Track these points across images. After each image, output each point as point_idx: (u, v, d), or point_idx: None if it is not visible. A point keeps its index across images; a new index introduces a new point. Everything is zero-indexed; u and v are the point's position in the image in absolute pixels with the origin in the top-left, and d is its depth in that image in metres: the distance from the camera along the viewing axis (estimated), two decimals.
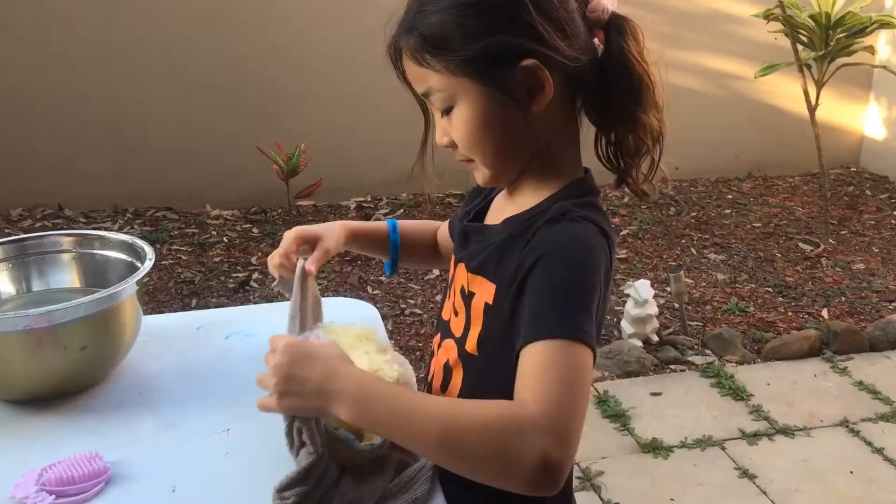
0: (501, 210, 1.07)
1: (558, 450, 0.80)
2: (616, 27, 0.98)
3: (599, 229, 0.94)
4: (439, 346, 1.11)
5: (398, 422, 0.86)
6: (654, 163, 1.02)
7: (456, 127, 0.99)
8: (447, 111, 0.99)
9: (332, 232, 1.22)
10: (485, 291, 1.00)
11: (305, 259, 1.16)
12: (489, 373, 0.99)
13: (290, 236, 1.19)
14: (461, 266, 1.06)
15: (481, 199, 1.15)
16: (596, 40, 0.99)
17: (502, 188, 1.08)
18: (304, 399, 0.90)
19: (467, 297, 1.03)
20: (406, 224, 1.32)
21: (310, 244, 1.19)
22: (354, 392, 0.87)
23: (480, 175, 1.04)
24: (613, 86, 0.98)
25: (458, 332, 1.05)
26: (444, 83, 0.96)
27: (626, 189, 1.05)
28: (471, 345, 1.02)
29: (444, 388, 1.07)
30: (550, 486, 0.81)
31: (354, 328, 1.09)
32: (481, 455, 0.83)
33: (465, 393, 1.03)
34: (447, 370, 1.07)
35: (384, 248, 1.30)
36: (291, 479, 0.93)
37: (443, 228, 1.31)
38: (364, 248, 1.32)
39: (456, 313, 1.07)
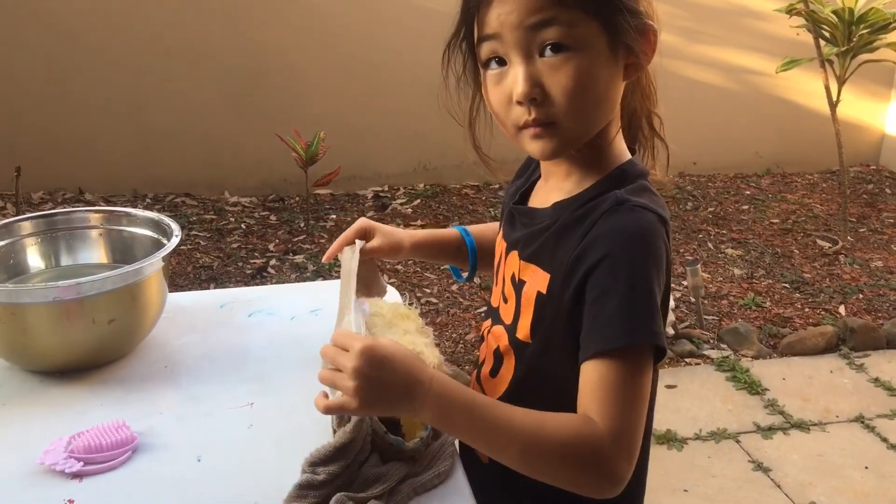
0: (548, 194, 1.02)
1: (626, 466, 0.86)
2: None
3: (658, 217, 0.92)
4: (489, 331, 1.09)
5: (479, 434, 0.89)
6: (653, 152, 1.03)
7: (565, 73, 0.89)
8: (557, 49, 0.89)
9: (393, 234, 1.20)
10: (537, 280, 0.97)
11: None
12: (542, 362, 0.99)
13: (353, 226, 1.19)
14: (513, 254, 1.04)
15: (524, 179, 1.12)
16: None
17: (553, 161, 0.99)
18: (387, 404, 0.88)
19: (518, 284, 1.02)
20: (475, 228, 1.28)
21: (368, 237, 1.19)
22: (437, 399, 0.87)
23: (551, 141, 0.93)
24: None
25: (507, 320, 1.04)
26: (575, 19, 0.88)
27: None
28: (522, 333, 1.00)
29: (493, 373, 1.06)
30: (614, 492, 0.87)
31: (397, 306, 1.09)
32: (558, 471, 0.88)
33: (517, 379, 1.02)
34: (498, 357, 1.05)
35: (456, 255, 1.27)
36: (324, 455, 0.93)
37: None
38: (433, 255, 1.29)
39: (505, 300, 1.05)
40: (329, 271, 3.54)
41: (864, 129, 5.09)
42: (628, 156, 1.00)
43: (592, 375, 0.88)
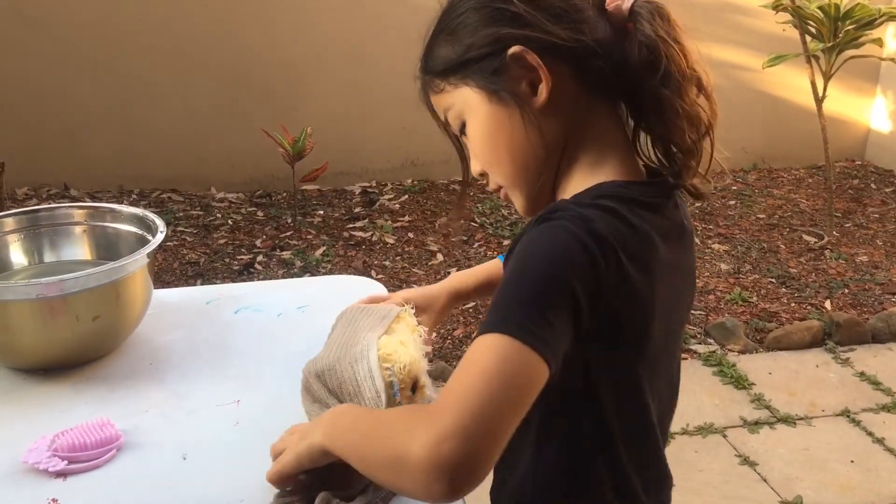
0: None
1: (451, 446, 0.70)
2: (639, 14, 0.90)
3: (590, 230, 0.81)
4: None
5: (344, 433, 0.87)
6: (701, 157, 0.92)
7: (472, 144, 0.96)
8: (462, 129, 0.96)
9: (437, 301, 1.20)
10: None
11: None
12: None
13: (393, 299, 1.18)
14: None
15: None
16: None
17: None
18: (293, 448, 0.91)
19: None
20: None
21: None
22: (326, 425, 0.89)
23: (515, 201, 0.97)
24: (642, 76, 0.88)
25: None
26: (452, 99, 0.94)
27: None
28: None
29: None
30: (442, 487, 0.71)
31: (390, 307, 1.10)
32: (379, 456, 0.79)
33: None
34: None
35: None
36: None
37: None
38: (478, 297, 1.25)
39: None
40: (316, 267, 3.54)
41: (850, 124, 5.11)
42: (624, 177, 0.92)
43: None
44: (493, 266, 1.26)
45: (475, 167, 0.99)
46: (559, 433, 0.93)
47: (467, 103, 0.93)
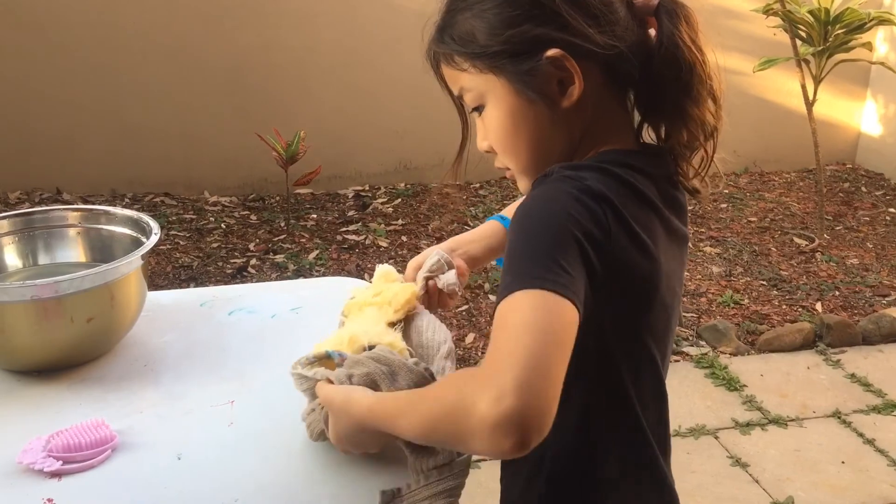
0: None
1: (510, 403, 0.70)
2: (667, 12, 0.92)
3: (584, 187, 0.84)
4: None
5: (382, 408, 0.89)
6: (705, 158, 0.96)
7: (489, 127, 0.96)
8: (478, 110, 0.97)
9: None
10: None
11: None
12: None
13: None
14: None
15: None
16: (652, 30, 0.94)
17: None
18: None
19: None
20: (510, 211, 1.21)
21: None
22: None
23: (519, 183, 0.99)
24: (662, 76, 0.91)
25: None
26: (474, 81, 0.94)
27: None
28: None
29: None
30: (508, 442, 0.71)
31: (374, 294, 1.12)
32: (440, 421, 0.79)
33: None
34: None
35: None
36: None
37: None
38: (486, 258, 1.23)
39: None
40: (310, 271, 3.54)
41: (840, 127, 5.14)
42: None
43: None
44: (492, 228, 1.23)
45: (482, 144, 0.99)
46: (578, 400, 0.91)
47: (493, 91, 0.93)
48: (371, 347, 1.00)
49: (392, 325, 1.08)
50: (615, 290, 0.86)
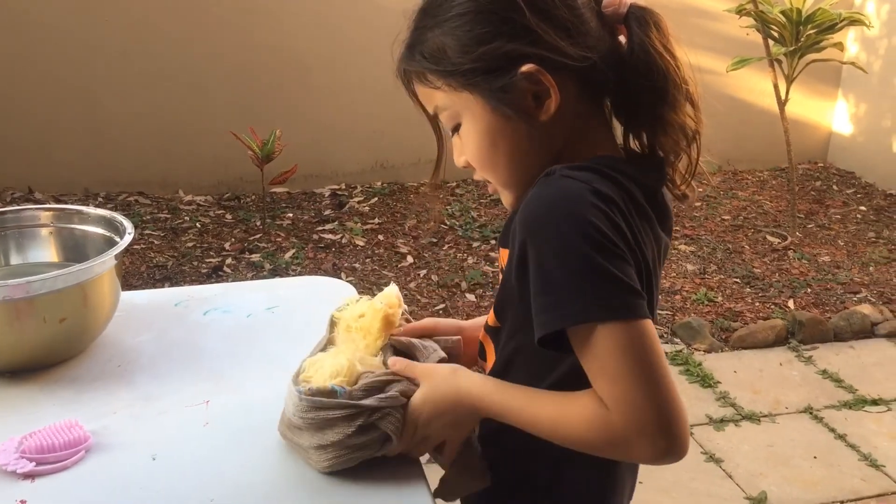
0: None
1: (662, 442, 0.81)
2: (636, 19, 0.91)
3: (593, 189, 0.84)
4: None
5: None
6: (690, 163, 0.96)
7: (466, 145, 0.96)
8: (455, 129, 0.96)
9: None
10: (503, 261, 0.96)
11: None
12: (514, 343, 0.98)
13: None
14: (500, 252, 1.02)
15: None
16: (622, 37, 0.93)
17: None
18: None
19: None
20: None
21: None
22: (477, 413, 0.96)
23: (502, 196, 1.00)
24: (635, 83, 0.91)
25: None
26: (448, 100, 0.93)
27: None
28: (491, 318, 1.01)
29: (480, 358, 1.07)
30: (673, 461, 0.84)
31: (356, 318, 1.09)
32: (597, 454, 0.88)
33: (497, 367, 1.02)
34: (481, 349, 1.06)
35: None
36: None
37: None
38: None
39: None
40: (286, 270, 3.53)
41: (812, 127, 5.20)
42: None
43: (580, 357, 0.84)
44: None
45: (460, 160, 0.99)
46: (556, 380, 0.94)
47: (469, 109, 0.92)
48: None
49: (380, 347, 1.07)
50: None
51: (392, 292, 1.10)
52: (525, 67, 0.88)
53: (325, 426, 0.96)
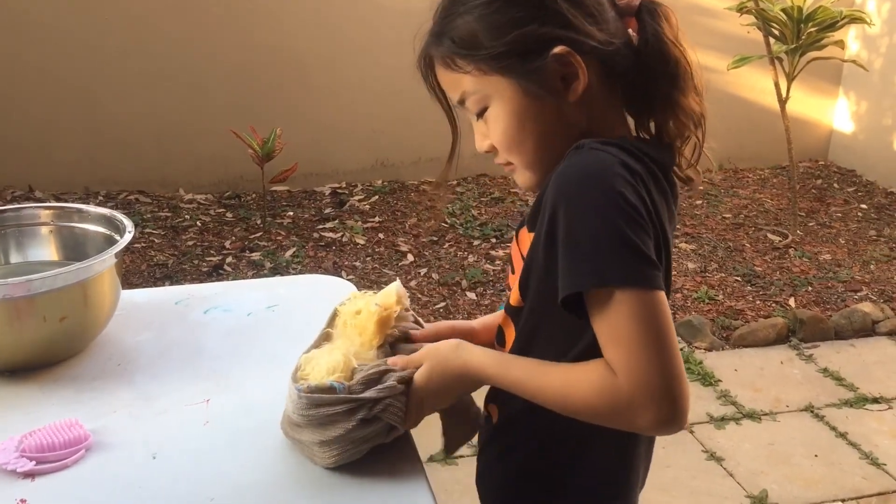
0: None
1: (665, 410, 0.84)
2: (649, 12, 0.97)
3: (622, 161, 0.88)
4: None
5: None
6: (696, 147, 1.01)
7: (492, 128, 0.98)
8: (482, 113, 0.99)
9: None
10: (527, 244, 0.98)
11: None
12: (535, 321, 0.99)
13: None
14: (518, 235, 1.04)
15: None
16: (630, 30, 0.97)
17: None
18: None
19: (519, 255, 1.03)
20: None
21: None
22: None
23: (522, 178, 1.02)
24: (651, 71, 0.96)
25: (509, 293, 1.05)
26: (478, 84, 0.96)
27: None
28: (514, 298, 1.02)
29: (500, 344, 1.08)
30: (673, 431, 0.87)
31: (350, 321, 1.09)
32: (602, 424, 0.90)
33: (516, 346, 1.03)
34: (500, 333, 1.07)
35: None
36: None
37: None
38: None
39: (510, 287, 1.06)
40: (286, 268, 3.53)
41: (813, 125, 5.20)
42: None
43: (594, 322, 0.87)
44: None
45: (483, 145, 1.02)
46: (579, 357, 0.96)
47: (498, 92, 0.95)
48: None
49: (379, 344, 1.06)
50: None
51: (393, 290, 1.09)
52: (557, 49, 0.92)
53: (326, 422, 0.96)
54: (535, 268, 0.96)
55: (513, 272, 1.06)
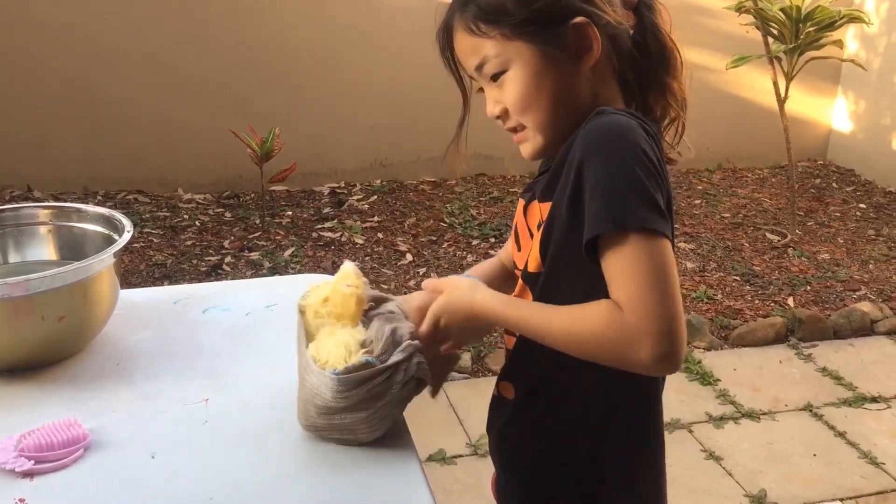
0: None
1: (665, 345, 0.89)
2: (646, 6, 1.07)
3: (639, 123, 0.96)
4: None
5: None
6: (678, 130, 1.10)
7: (509, 90, 1.03)
8: (497, 77, 1.04)
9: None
10: (543, 213, 1.04)
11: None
12: (554, 285, 1.03)
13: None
14: (520, 203, 1.12)
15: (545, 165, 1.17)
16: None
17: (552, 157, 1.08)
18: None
19: (526, 228, 1.10)
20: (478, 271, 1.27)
21: None
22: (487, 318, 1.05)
23: (531, 142, 1.06)
24: (647, 56, 1.05)
25: (520, 264, 1.10)
26: (500, 48, 1.01)
27: None
28: (533, 264, 1.05)
29: None
30: (670, 370, 0.92)
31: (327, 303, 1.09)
32: (602, 359, 0.94)
33: None
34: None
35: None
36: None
37: (505, 249, 1.28)
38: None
39: (520, 249, 1.12)
40: (285, 268, 3.53)
41: (812, 124, 5.20)
42: None
43: (605, 264, 0.92)
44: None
45: (495, 110, 1.06)
46: None
47: (519, 56, 1.01)
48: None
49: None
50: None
51: (350, 269, 1.13)
52: (578, 19, 0.99)
53: (368, 397, 1.00)
54: (555, 230, 1.00)
55: (518, 248, 1.12)
